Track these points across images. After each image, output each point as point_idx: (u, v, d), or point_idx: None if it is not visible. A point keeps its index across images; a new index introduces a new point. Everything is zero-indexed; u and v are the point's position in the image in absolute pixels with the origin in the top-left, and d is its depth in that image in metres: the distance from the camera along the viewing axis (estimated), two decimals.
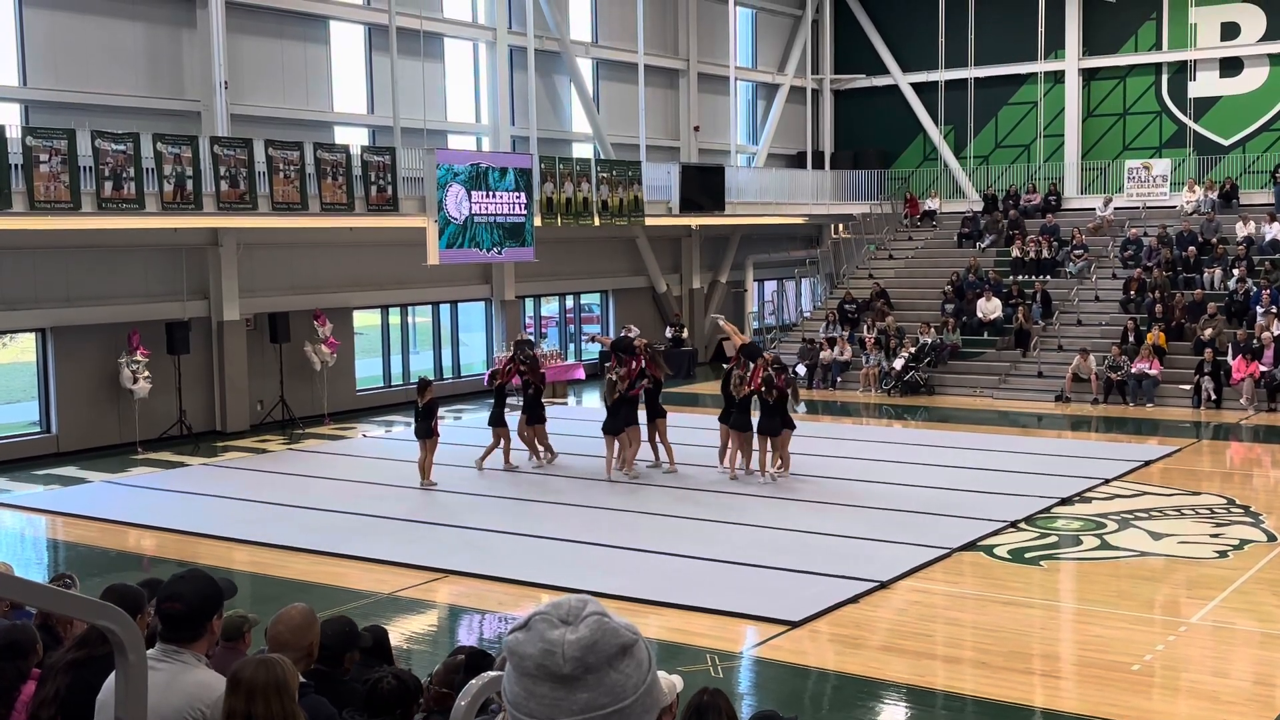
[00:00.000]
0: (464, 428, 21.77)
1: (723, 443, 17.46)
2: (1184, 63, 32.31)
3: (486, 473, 17.77)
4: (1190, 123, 32.38)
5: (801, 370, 26.44)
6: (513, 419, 18.37)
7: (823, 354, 27.43)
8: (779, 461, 17.14)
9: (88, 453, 20.25)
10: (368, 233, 23.92)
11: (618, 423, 17.28)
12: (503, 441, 17.99)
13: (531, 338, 19.40)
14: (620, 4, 30.72)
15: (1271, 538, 13.72)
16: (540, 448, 18.37)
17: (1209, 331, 24.13)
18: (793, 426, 17.23)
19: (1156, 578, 12.51)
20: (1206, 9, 31.72)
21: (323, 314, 23.30)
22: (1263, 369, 23.26)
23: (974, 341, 27.01)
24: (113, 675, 3.97)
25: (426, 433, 16.94)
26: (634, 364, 17.47)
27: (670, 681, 4.29)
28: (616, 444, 17.30)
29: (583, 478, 17.43)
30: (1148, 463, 18.11)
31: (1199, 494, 16.07)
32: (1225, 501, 15.59)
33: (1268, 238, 27.28)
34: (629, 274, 31.61)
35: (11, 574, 6.29)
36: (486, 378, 18.16)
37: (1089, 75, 33.64)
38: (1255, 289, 25.31)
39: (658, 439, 17.72)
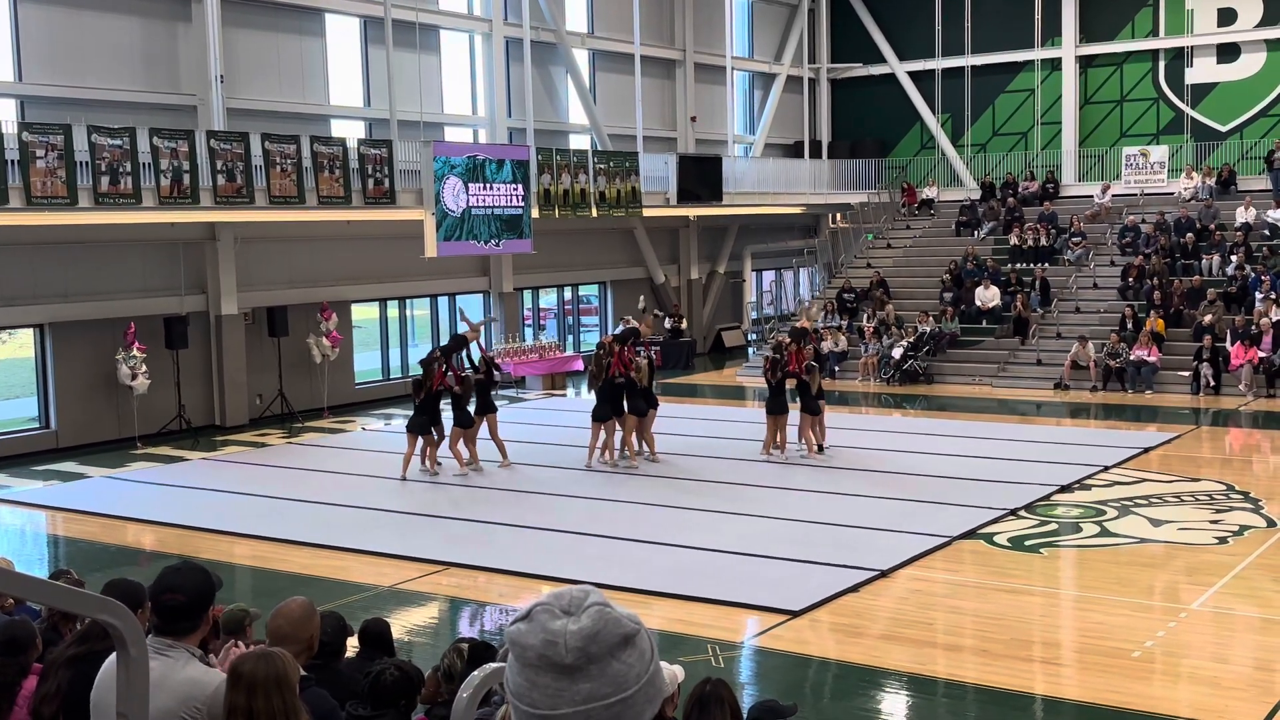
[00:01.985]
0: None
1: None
2: (1181, 49, 32.27)
3: (481, 465, 17.45)
4: (1188, 109, 32.35)
5: None
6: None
7: (823, 344, 27.41)
8: (782, 441, 17.89)
9: (87, 448, 20.25)
10: (365, 226, 23.90)
11: (604, 410, 17.44)
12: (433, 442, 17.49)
13: (463, 332, 18.87)
14: None
15: (1271, 523, 13.73)
16: (472, 451, 17.39)
17: (1208, 318, 24.13)
18: (816, 412, 17.80)
19: (1156, 564, 12.52)
20: None
21: (329, 307, 23.28)
22: (1261, 355, 23.26)
23: (972, 330, 26.99)
24: (103, 669, 3.95)
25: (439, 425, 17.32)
26: (603, 353, 17.69)
27: (672, 671, 4.30)
28: (603, 431, 17.55)
29: (580, 469, 17.44)
30: (1147, 449, 18.13)
31: (1198, 480, 16.08)
32: (1225, 487, 15.59)
33: (1269, 222, 27.22)
34: (627, 265, 31.59)
35: (12, 570, 6.28)
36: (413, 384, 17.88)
37: (1086, 62, 33.59)
38: (1254, 275, 25.31)
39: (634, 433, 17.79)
